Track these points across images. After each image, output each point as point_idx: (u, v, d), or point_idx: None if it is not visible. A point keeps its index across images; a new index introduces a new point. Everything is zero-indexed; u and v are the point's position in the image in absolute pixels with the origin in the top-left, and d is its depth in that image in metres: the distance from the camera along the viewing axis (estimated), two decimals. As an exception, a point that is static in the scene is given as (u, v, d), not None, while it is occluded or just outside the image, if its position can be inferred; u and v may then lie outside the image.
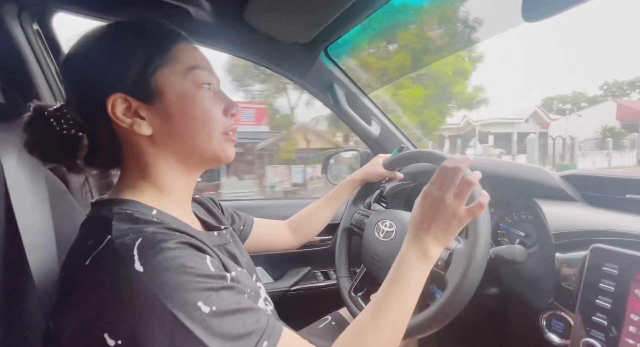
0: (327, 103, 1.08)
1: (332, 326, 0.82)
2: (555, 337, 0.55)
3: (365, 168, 0.84)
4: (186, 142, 0.43)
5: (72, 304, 0.33)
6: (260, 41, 0.89)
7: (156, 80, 0.41)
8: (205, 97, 0.43)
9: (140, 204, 0.41)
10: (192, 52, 0.44)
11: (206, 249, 0.38)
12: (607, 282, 0.48)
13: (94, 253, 0.33)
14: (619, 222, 0.54)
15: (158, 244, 0.33)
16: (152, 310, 0.30)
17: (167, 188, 0.44)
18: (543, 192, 0.68)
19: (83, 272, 0.33)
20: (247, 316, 0.35)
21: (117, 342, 0.30)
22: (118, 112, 0.40)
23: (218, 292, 0.34)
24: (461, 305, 0.50)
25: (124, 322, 0.30)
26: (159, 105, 0.41)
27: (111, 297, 0.31)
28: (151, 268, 0.31)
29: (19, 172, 0.47)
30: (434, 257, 0.46)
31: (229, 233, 0.54)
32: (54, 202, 0.51)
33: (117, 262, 0.32)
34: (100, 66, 0.40)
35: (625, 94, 26.12)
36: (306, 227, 0.82)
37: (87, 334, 0.31)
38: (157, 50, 0.41)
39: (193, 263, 0.34)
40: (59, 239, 0.49)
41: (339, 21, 0.78)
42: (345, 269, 0.81)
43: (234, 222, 0.71)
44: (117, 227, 0.35)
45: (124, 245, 0.33)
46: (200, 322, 0.31)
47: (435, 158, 0.68)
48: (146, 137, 0.42)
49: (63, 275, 0.37)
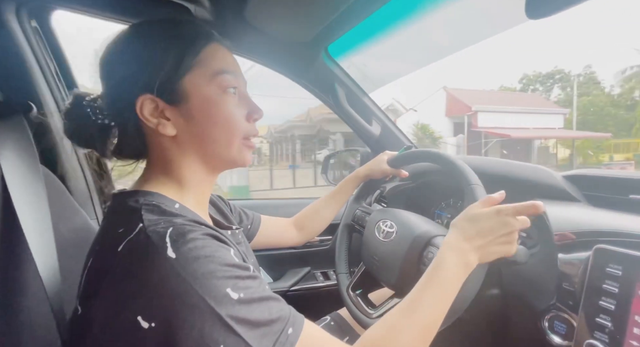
0: (327, 102, 1.08)
1: (331, 326, 0.82)
2: (557, 339, 0.54)
3: (370, 164, 0.84)
4: (207, 145, 0.45)
5: (105, 288, 0.34)
6: (261, 40, 0.88)
7: (184, 83, 0.42)
8: (229, 103, 0.44)
9: (164, 196, 0.42)
10: (221, 55, 0.45)
11: (229, 242, 0.39)
12: (611, 283, 0.47)
13: (126, 240, 0.34)
14: (623, 222, 0.53)
15: (187, 233, 0.35)
16: (184, 295, 0.31)
17: (188, 184, 0.45)
18: (545, 193, 0.67)
19: (116, 258, 0.34)
20: (273, 304, 0.36)
21: (151, 325, 0.31)
22: (146, 112, 0.41)
23: (245, 281, 0.35)
24: (462, 307, 0.49)
25: (158, 306, 0.32)
26: (184, 107, 0.42)
27: (145, 282, 0.32)
28: (182, 255, 0.33)
29: (17, 170, 0.47)
30: (472, 267, 0.47)
31: (240, 233, 0.55)
32: (52, 200, 0.51)
33: (151, 248, 0.33)
34: (132, 67, 0.41)
35: (548, 88, 25.27)
36: (311, 224, 0.84)
37: (121, 316, 0.32)
38: (188, 54, 0.42)
39: (220, 253, 0.35)
40: (57, 237, 0.48)
41: (340, 20, 0.77)
42: (345, 265, 0.80)
43: (242, 220, 0.72)
44: (148, 217, 0.36)
45: (157, 233, 0.34)
46: (229, 309, 0.32)
47: (442, 160, 0.67)
48: (170, 137, 0.43)
49: (92, 261, 0.38)
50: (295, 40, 0.90)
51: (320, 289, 1.13)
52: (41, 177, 0.50)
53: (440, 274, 0.46)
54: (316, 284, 1.14)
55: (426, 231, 0.64)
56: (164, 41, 0.42)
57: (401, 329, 0.43)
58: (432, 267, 0.47)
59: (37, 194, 0.48)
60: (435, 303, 0.44)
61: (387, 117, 1.12)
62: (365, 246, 0.75)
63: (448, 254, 0.47)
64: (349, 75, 1.04)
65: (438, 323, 0.45)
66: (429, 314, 0.44)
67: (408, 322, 0.43)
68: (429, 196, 0.99)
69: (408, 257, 0.63)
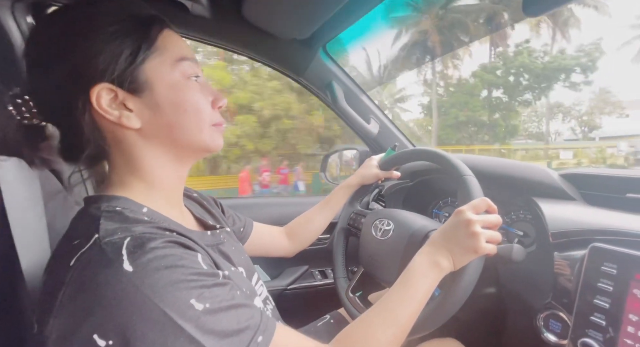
0: (325, 101, 1.08)
1: (330, 324, 0.82)
2: (552, 337, 0.54)
3: (361, 172, 0.83)
4: (176, 134, 0.42)
5: (59, 306, 0.32)
6: (258, 37, 0.88)
7: (145, 71, 0.39)
8: (195, 90, 0.42)
9: (130, 201, 0.40)
10: (178, 42, 0.43)
11: (196, 247, 0.38)
12: (606, 281, 0.47)
13: (79, 253, 0.32)
14: (619, 221, 0.53)
15: (147, 243, 0.33)
16: (143, 310, 0.30)
17: (158, 183, 0.43)
18: (542, 191, 0.67)
19: (68, 273, 0.32)
20: (241, 312, 0.35)
21: (108, 343, 0.29)
22: (104, 103, 0.37)
23: (211, 289, 0.33)
24: (458, 304, 0.49)
25: (114, 323, 0.30)
26: (148, 96, 0.40)
27: (100, 298, 0.30)
28: (141, 268, 0.31)
29: (11, 169, 0.46)
30: (444, 268, 0.48)
31: (223, 233, 0.53)
32: (48, 199, 0.50)
33: (105, 262, 0.31)
34: (82, 52, 0.36)
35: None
36: (302, 235, 0.81)
37: (76, 334, 0.30)
38: (145, 38, 0.39)
39: (184, 262, 0.33)
40: (53, 237, 0.48)
41: (338, 17, 0.77)
42: (342, 269, 0.80)
43: (235, 223, 0.70)
44: (105, 226, 0.34)
45: (112, 244, 0.32)
46: (194, 320, 0.31)
47: (432, 156, 0.67)
48: (134, 130, 0.40)
49: (47, 276, 0.36)
50: (293, 37, 0.89)
51: (318, 287, 1.13)
52: (36, 176, 0.50)
53: (412, 275, 0.48)
54: (314, 282, 1.14)
55: (423, 226, 0.64)
56: (115, 23, 0.37)
57: (374, 325, 0.44)
58: (407, 267, 0.50)
59: (32, 192, 0.48)
60: (406, 302, 0.46)
61: (385, 116, 1.12)
62: (362, 248, 0.75)
63: (422, 253, 0.50)
64: (347, 74, 1.04)
65: (410, 321, 0.46)
66: (400, 312, 0.45)
67: (381, 320, 0.45)
68: (426, 195, 0.99)
69: (407, 253, 0.63)
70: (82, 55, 0.36)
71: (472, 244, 0.47)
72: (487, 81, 16.43)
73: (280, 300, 1.05)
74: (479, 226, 0.47)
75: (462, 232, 0.48)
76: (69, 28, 0.37)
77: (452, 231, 0.49)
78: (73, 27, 0.37)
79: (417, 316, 0.47)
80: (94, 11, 0.38)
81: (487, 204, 0.50)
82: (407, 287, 0.47)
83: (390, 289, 0.48)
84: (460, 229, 0.48)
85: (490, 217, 0.50)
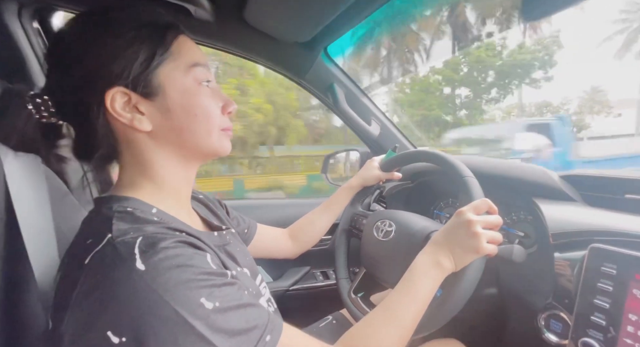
0: (326, 103, 1.08)
1: (333, 325, 0.82)
2: (553, 337, 0.55)
3: (362, 173, 0.84)
4: (186, 138, 0.43)
5: (73, 303, 0.33)
6: (260, 40, 0.89)
7: (158, 76, 0.40)
8: (206, 95, 0.43)
9: (140, 201, 0.40)
10: (192, 48, 0.44)
11: (205, 247, 0.38)
12: (606, 282, 0.47)
13: (93, 252, 0.33)
14: (618, 222, 0.54)
15: (158, 243, 0.33)
16: (154, 308, 0.30)
17: (167, 184, 0.44)
18: (542, 193, 0.68)
19: (82, 272, 0.33)
20: (250, 312, 0.35)
21: (122, 340, 0.30)
22: (117, 106, 0.39)
23: (220, 289, 0.34)
24: (460, 305, 0.50)
25: (127, 320, 0.30)
26: (160, 100, 0.41)
27: (114, 296, 0.31)
28: (153, 267, 0.32)
29: (18, 170, 0.47)
30: (446, 268, 0.49)
31: (229, 234, 0.54)
32: (54, 200, 0.51)
33: (118, 260, 0.32)
34: (98, 58, 0.38)
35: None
36: (305, 236, 0.82)
37: (90, 332, 0.31)
38: (160, 44, 0.40)
39: (194, 261, 0.34)
40: (60, 237, 0.49)
41: (339, 20, 0.77)
42: (344, 270, 0.80)
43: (239, 225, 0.71)
44: (118, 226, 0.35)
45: (125, 243, 0.33)
46: (204, 319, 0.31)
47: (433, 157, 0.68)
48: (145, 133, 0.41)
49: (61, 274, 0.37)
50: (295, 40, 0.90)
51: (320, 288, 1.14)
52: (43, 177, 0.50)
53: (415, 275, 0.49)
54: (316, 283, 1.14)
55: (425, 227, 0.64)
56: (133, 30, 0.39)
57: (377, 325, 0.45)
58: (410, 267, 0.51)
59: (38, 193, 0.49)
60: (409, 303, 0.47)
61: (386, 117, 1.12)
62: (364, 249, 0.75)
63: (424, 253, 0.51)
64: (349, 76, 1.04)
65: (414, 321, 0.47)
66: (403, 312, 0.46)
67: (384, 320, 0.46)
68: (427, 196, 0.99)
69: (408, 253, 0.63)
70: (100, 60, 0.38)
71: (473, 244, 0.47)
72: (447, 78, 15.06)
73: (282, 301, 1.06)
74: (480, 226, 0.48)
75: (463, 232, 0.48)
76: (89, 33, 0.39)
77: (453, 231, 0.50)
78: (93, 33, 0.39)
79: (421, 316, 0.47)
80: (114, 17, 0.40)
81: (487, 205, 0.51)
82: (410, 288, 0.48)
83: (393, 290, 0.49)
84: (461, 230, 0.49)
85: (491, 218, 0.50)
